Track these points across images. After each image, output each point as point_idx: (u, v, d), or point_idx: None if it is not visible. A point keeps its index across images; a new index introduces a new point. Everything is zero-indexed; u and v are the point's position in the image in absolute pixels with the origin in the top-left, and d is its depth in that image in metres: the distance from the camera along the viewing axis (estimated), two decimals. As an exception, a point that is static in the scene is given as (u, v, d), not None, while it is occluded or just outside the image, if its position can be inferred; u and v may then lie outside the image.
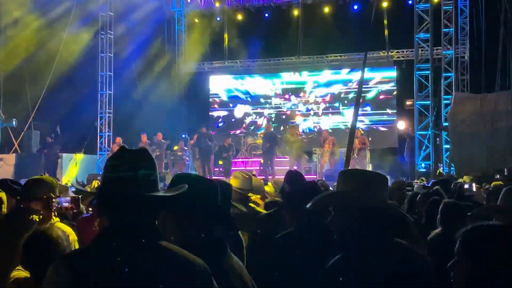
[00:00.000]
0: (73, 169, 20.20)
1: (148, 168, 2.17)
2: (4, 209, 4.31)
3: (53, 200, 3.96)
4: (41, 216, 3.98)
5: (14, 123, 19.47)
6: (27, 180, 4.46)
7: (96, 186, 6.59)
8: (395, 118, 24.24)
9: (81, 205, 5.26)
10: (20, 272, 3.17)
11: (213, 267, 2.20)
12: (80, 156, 20.57)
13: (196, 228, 2.56)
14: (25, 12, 19.65)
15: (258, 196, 6.37)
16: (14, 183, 4.91)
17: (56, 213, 4.08)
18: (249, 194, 5.76)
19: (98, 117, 23.53)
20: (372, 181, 2.64)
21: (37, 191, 4.12)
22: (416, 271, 2.53)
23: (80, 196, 4.35)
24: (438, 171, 17.95)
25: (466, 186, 8.26)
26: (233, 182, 5.56)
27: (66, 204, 4.11)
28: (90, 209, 5.67)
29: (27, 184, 4.38)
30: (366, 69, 19.20)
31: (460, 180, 10.67)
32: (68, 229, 4.23)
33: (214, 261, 2.29)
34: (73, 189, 4.90)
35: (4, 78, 19.41)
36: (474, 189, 8.28)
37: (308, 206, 2.73)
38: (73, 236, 4.17)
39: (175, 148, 21.73)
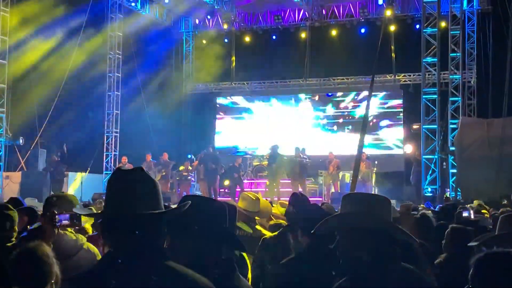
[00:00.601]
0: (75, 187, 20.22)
1: (145, 186, 2.16)
2: (16, 226, 4.31)
3: (56, 217, 3.94)
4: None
5: (21, 141, 19.52)
6: (49, 197, 4.45)
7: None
8: (402, 142, 24.22)
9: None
10: None
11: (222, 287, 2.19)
12: (80, 175, 20.52)
13: (204, 249, 2.54)
14: (34, 32, 19.80)
15: (265, 219, 6.34)
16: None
17: (58, 229, 4.05)
18: (256, 217, 5.73)
19: (105, 136, 23.61)
20: (375, 203, 2.64)
21: (59, 208, 4.11)
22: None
23: (79, 214, 4.30)
24: (445, 196, 17.85)
25: (465, 214, 8.22)
26: (241, 203, 5.55)
27: (65, 222, 4.05)
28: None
29: (49, 201, 4.37)
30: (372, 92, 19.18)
31: (470, 205, 10.58)
32: (96, 250, 4.22)
33: (223, 281, 2.27)
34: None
35: (12, 97, 19.50)
36: (472, 217, 8.22)
37: (313, 230, 2.72)
38: (99, 257, 4.16)
39: (181, 168, 21.71)
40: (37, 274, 3.06)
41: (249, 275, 3.75)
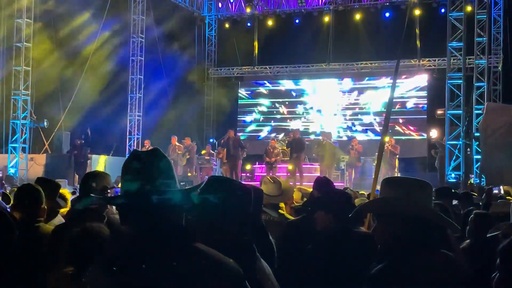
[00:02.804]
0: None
1: (161, 166, 2.14)
2: (44, 204, 4.35)
3: (108, 191, 3.97)
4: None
5: (45, 123, 19.72)
6: (83, 177, 4.47)
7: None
8: (425, 127, 24.01)
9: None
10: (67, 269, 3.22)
11: (245, 269, 2.19)
12: (103, 158, 20.66)
13: (225, 231, 2.54)
14: (57, 15, 19.91)
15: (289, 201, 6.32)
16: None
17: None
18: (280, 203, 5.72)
19: (128, 119, 23.76)
20: (415, 188, 2.60)
21: (96, 185, 4.13)
22: (461, 283, 2.49)
23: None
24: (469, 182, 17.69)
25: (495, 191, 8.07)
26: (262, 187, 5.53)
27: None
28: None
29: (85, 180, 4.38)
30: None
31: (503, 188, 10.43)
32: None
33: (246, 263, 2.27)
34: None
35: (36, 80, 19.68)
36: (502, 192, 8.09)
37: (351, 214, 2.71)
38: None
39: (203, 152, 21.80)
40: (97, 253, 3.10)
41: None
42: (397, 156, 20.05)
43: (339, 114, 26.16)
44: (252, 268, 2.54)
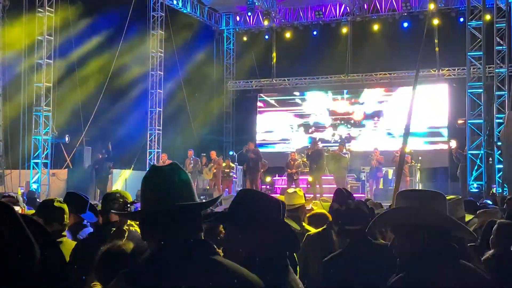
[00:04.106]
0: (119, 184, 20.43)
1: (180, 180, 2.15)
2: (67, 220, 4.38)
3: (128, 205, 3.99)
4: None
5: (66, 139, 19.88)
6: (111, 193, 4.52)
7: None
8: (447, 137, 23.84)
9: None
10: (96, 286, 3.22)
11: (278, 282, 2.18)
12: (124, 172, 20.78)
13: (261, 243, 2.53)
14: (78, 31, 20.13)
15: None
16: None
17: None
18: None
19: (148, 133, 23.89)
20: (430, 198, 2.59)
21: (114, 204, 4.16)
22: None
23: None
24: (491, 192, 17.49)
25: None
26: (282, 199, 5.53)
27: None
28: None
29: (104, 200, 4.43)
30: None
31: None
32: None
33: (279, 276, 2.26)
34: None
35: (57, 95, 19.89)
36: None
37: (368, 227, 2.69)
38: None
39: (223, 165, 21.82)
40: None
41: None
42: (417, 166, 19.91)
43: (362, 124, 26.06)
44: (283, 283, 2.52)
